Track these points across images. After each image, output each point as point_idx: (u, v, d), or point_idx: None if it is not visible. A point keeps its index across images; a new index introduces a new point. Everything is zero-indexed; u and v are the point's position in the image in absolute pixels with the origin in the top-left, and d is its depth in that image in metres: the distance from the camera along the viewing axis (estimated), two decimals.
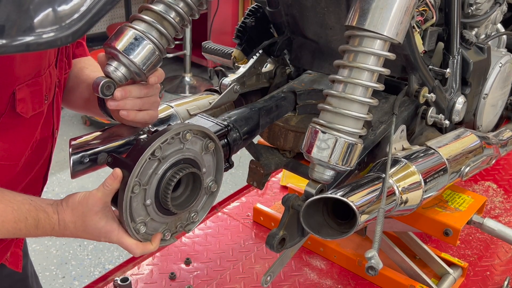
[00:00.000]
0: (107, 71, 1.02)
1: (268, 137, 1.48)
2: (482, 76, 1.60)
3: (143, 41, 1.01)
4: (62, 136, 5.59)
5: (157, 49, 1.02)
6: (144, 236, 1.06)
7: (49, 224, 1.00)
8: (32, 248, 3.58)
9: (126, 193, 0.97)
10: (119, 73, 1.02)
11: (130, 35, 1.01)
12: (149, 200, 1.03)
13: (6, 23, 0.72)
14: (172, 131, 1.01)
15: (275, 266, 1.22)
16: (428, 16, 1.41)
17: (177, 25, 1.05)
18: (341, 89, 1.04)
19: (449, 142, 1.40)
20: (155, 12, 1.03)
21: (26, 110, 1.06)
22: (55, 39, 0.75)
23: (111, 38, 1.02)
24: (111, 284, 1.61)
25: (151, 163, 1.00)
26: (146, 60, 1.02)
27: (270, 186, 2.15)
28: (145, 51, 1.01)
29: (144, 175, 1.00)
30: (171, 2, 1.03)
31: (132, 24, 1.02)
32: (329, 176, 1.08)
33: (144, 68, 1.02)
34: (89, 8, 0.77)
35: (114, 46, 1.00)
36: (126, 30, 1.01)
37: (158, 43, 1.02)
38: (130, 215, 1.01)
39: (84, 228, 1.02)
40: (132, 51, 1.00)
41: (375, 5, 1.00)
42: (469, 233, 1.87)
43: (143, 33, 1.01)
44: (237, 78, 1.43)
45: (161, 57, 1.04)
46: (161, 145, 1.00)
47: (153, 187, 1.02)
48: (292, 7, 1.37)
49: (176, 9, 1.04)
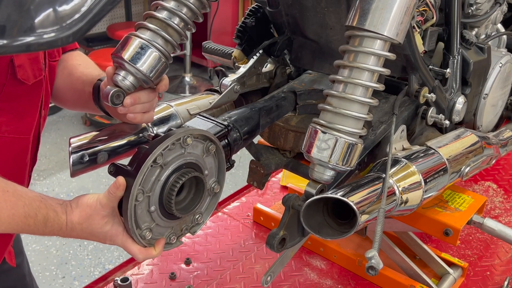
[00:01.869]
0: (116, 80, 1.05)
1: (269, 137, 1.48)
2: (482, 76, 1.60)
3: (149, 49, 1.03)
4: (62, 136, 5.61)
5: (163, 56, 1.04)
6: (150, 242, 1.06)
7: (57, 223, 1.01)
8: (32, 248, 3.58)
9: (130, 201, 0.97)
10: (127, 82, 1.05)
11: (136, 44, 1.03)
12: (154, 207, 1.03)
13: (7, 23, 0.72)
14: (173, 137, 1.01)
15: (275, 266, 1.22)
16: (428, 16, 1.41)
17: (181, 31, 1.07)
18: (342, 89, 1.04)
19: (449, 142, 1.40)
20: (159, 19, 1.04)
21: (27, 77, 1.08)
22: (56, 39, 0.76)
23: (117, 48, 1.04)
24: (111, 284, 1.61)
25: (153, 170, 1.00)
26: (153, 68, 1.04)
27: (270, 186, 2.15)
28: (151, 59, 1.03)
29: (147, 182, 1.00)
30: (174, 9, 1.05)
31: (138, 33, 1.04)
32: (329, 176, 1.08)
33: (151, 75, 1.04)
34: (89, 8, 0.77)
35: (121, 56, 1.03)
36: (132, 39, 1.03)
37: (163, 50, 1.04)
38: (135, 222, 1.01)
39: (90, 231, 1.03)
40: (139, 60, 1.02)
41: (376, 5, 1.01)
42: (469, 233, 1.87)
43: (148, 41, 1.03)
44: (237, 78, 1.42)
45: (167, 64, 1.06)
46: (163, 152, 1.00)
47: (157, 194, 1.02)
48: (293, 7, 1.38)
49: (180, 15, 1.06)
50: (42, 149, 5.00)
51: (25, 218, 0.98)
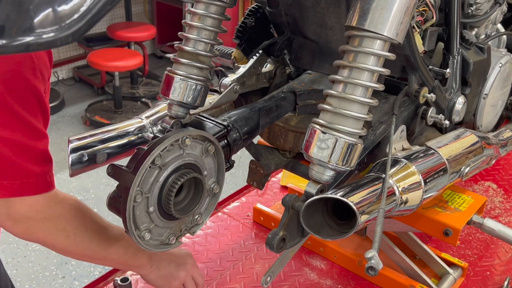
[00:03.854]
0: (170, 115, 1.21)
1: (268, 137, 1.48)
2: (482, 76, 1.60)
3: (187, 82, 1.16)
4: (62, 136, 5.61)
5: (200, 83, 1.17)
6: (149, 243, 1.06)
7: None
8: (32, 248, 3.58)
9: (128, 202, 0.97)
10: (180, 113, 1.20)
11: (174, 80, 1.16)
12: (152, 207, 1.03)
13: (6, 23, 0.72)
14: (171, 138, 1.01)
15: (275, 266, 1.22)
16: (428, 16, 1.41)
17: (210, 53, 1.18)
18: (341, 89, 1.04)
19: (449, 142, 1.40)
20: (188, 52, 1.17)
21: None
22: (55, 39, 0.75)
23: (162, 88, 1.19)
24: (111, 284, 1.61)
25: (152, 171, 1.00)
26: (196, 96, 1.18)
27: (270, 186, 2.14)
28: (192, 91, 1.17)
29: (145, 183, 1.00)
30: (196, 38, 1.16)
31: (174, 69, 1.18)
32: (329, 177, 1.08)
33: (197, 104, 1.19)
34: (89, 8, 0.77)
35: (166, 96, 1.18)
36: (170, 77, 1.17)
37: (200, 77, 1.17)
38: (134, 223, 1.01)
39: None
40: (181, 95, 1.17)
41: (375, 5, 1.00)
42: (469, 233, 1.87)
43: (185, 76, 1.16)
44: (237, 78, 1.42)
45: (207, 86, 1.20)
46: (161, 153, 1.00)
47: (155, 195, 1.02)
48: (292, 7, 1.37)
49: (204, 41, 1.17)
50: None
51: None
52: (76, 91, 6.05)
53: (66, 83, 6.15)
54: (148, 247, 1.06)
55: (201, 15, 1.16)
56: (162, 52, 6.65)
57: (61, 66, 6.12)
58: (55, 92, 5.77)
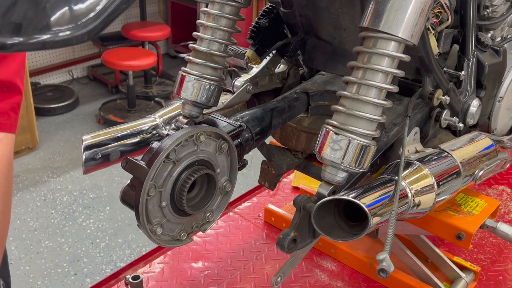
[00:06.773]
0: (184, 114, 1.20)
1: (280, 138, 1.48)
2: (497, 79, 1.58)
3: (201, 82, 1.15)
4: (76, 134, 5.67)
5: (214, 82, 1.17)
6: (161, 238, 1.07)
7: None
8: (45, 245, 3.62)
9: (142, 196, 0.98)
10: (193, 112, 1.19)
11: (188, 80, 1.16)
12: (165, 202, 1.03)
13: (23, 21, 0.73)
14: (186, 133, 1.02)
15: (286, 267, 1.22)
16: (443, 18, 1.40)
17: (224, 53, 1.18)
18: (355, 90, 1.04)
19: (463, 145, 1.39)
20: (202, 52, 1.16)
21: None
22: (71, 37, 0.76)
23: (176, 88, 1.19)
24: (122, 281, 1.62)
25: (166, 166, 1.01)
26: (210, 96, 1.17)
27: (281, 187, 2.14)
28: (206, 90, 1.16)
29: (159, 178, 1.01)
30: (211, 38, 1.16)
31: (188, 69, 1.17)
32: (342, 178, 1.08)
33: (210, 103, 1.18)
34: (105, 7, 0.78)
35: (179, 95, 1.18)
36: (184, 76, 1.17)
37: (214, 77, 1.17)
38: (147, 217, 1.02)
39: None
40: (195, 94, 1.16)
41: (390, 6, 1.00)
42: (482, 237, 1.86)
43: (199, 76, 1.15)
44: (250, 79, 1.43)
45: (221, 86, 1.18)
46: (175, 148, 1.01)
47: (169, 189, 1.03)
48: (306, 8, 1.37)
49: (218, 41, 1.16)
50: (56, 147, 5.10)
51: None
52: (91, 89, 6.11)
53: (81, 81, 6.21)
54: (159, 242, 1.06)
55: (215, 15, 1.16)
56: (176, 52, 6.68)
57: (76, 65, 6.18)
58: (69, 91, 5.83)
